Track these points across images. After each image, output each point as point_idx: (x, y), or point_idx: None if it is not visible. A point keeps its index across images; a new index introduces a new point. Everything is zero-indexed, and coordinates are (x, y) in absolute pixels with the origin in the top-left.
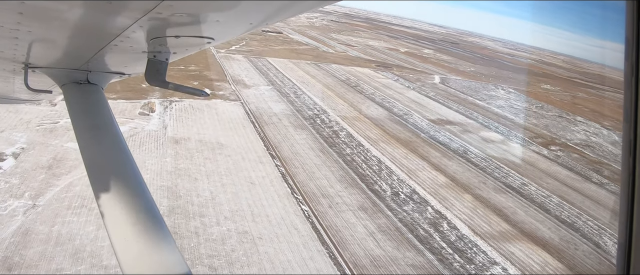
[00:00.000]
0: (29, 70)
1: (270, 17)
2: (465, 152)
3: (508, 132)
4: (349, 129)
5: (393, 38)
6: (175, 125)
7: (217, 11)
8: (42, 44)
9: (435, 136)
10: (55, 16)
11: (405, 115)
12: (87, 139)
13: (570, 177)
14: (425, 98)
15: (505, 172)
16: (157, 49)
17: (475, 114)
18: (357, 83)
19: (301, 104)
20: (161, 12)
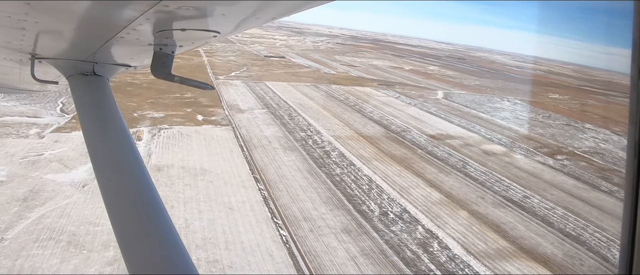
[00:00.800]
0: (35, 61)
1: (277, 12)
2: (465, 166)
3: (512, 143)
4: (342, 149)
5: (398, 57)
6: (161, 153)
7: (223, 5)
8: (49, 34)
9: (433, 151)
10: (63, 7)
11: (403, 132)
12: (92, 131)
13: (577, 186)
14: (426, 114)
15: (506, 185)
16: (163, 41)
17: (477, 127)
18: (356, 102)
19: (294, 125)
20: (168, 5)
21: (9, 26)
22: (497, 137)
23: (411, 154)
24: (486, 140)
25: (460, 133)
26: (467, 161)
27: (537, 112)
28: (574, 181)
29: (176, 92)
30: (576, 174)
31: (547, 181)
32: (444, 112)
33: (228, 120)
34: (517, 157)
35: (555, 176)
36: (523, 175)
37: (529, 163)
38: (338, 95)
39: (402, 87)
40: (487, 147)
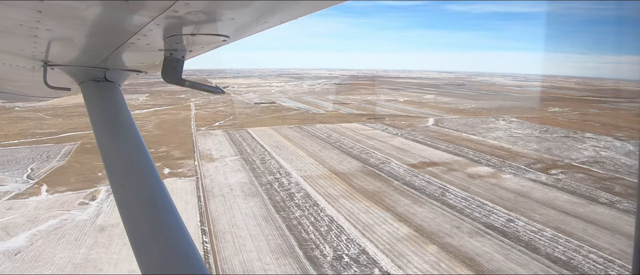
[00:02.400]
0: (48, 68)
1: (285, 15)
2: (444, 193)
3: (502, 163)
4: (309, 189)
5: (395, 90)
6: (111, 212)
7: (232, 9)
8: (61, 42)
9: (411, 181)
10: (74, 15)
11: (382, 164)
12: (105, 136)
13: (571, 201)
14: (412, 142)
15: (488, 210)
16: (174, 47)
17: (466, 150)
18: (338, 139)
19: (264, 169)
20: (177, 11)
21: (21, 34)
22: (486, 158)
23: (386, 187)
24: (473, 163)
25: (445, 159)
26: (448, 188)
27: (533, 127)
28: (568, 196)
29: (152, 147)
30: (571, 187)
31: (536, 200)
32: (431, 139)
33: (195, 171)
34: (505, 177)
35: (546, 193)
36: (509, 196)
37: (518, 182)
38: (320, 133)
39: (391, 119)
40: (473, 169)
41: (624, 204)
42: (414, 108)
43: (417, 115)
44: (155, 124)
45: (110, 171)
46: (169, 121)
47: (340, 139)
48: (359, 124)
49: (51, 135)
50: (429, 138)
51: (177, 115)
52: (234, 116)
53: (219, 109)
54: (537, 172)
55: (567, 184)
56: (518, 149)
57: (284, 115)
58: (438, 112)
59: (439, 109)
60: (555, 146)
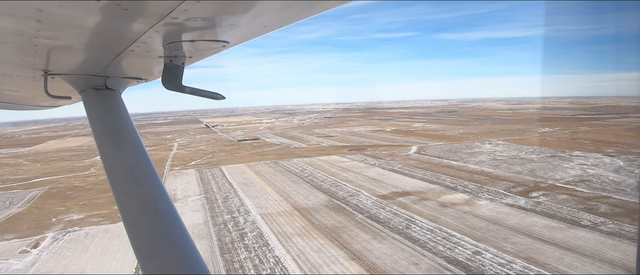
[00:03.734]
0: (48, 77)
1: (284, 20)
2: (409, 226)
3: (479, 189)
4: (264, 228)
5: (384, 120)
6: (49, 259)
7: (231, 15)
8: (61, 51)
9: (376, 214)
10: (73, 23)
11: (350, 197)
12: (106, 143)
13: (549, 227)
14: (388, 172)
15: (454, 242)
16: (173, 53)
17: (443, 177)
18: (312, 173)
19: (223, 209)
20: (177, 17)
21: (21, 43)
22: (464, 184)
23: (347, 221)
24: (449, 190)
25: (419, 187)
26: (415, 219)
27: (520, 149)
28: (546, 221)
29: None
30: (552, 211)
31: (511, 227)
32: (409, 167)
33: None
34: (480, 204)
35: (523, 219)
36: (481, 225)
37: (493, 208)
38: (295, 168)
39: (373, 149)
40: (447, 197)
41: (608, 225)
42: (399, 137)
43: (400, 144)
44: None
45: (112, 179)
46: None
47: (314, 172)
48: (338, 156)
49: (22, 181)
50: (407, 167)
51: (156, 155)
52: (213, 155)
53: (200, 148)
54: (516, 196)
55: (547, 207)
56: (499, 173)
57: (264, 151)
58: (423, 140)
59: (425, 137)
60: (539, 167)
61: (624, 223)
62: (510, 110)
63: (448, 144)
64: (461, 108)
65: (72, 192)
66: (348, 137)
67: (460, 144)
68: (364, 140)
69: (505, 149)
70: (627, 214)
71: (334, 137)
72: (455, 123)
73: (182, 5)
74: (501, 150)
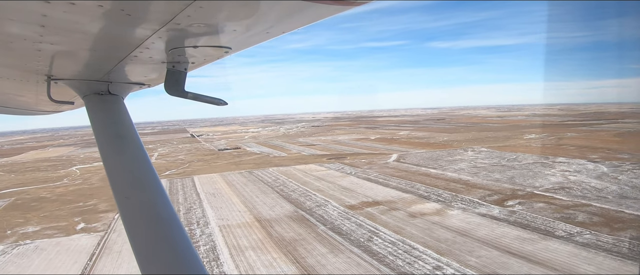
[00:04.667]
0: (51, 82)
1: (287, 25)
2: (371, 238)
3: (453, 197)
4: (218, 240)
5: (371, 129)
6: None
7: (235, 21)
8: (64, 56)
9: (340, 226)
10: (77, 28)
11: (317, 207)
12: (109, 149)
13: (521, 238)
14: (363, 181)
15: (415, 255)
16: (176, 59)
17: (418, 185)
18: (284, 182)
19: (183, 221)
20: (179, 23)
21: (25, 48)
22: (438, 193)
23: (308, 233)
24: (421, 199)
25: (391, 197)
26: (378, 231)
27: (502, 156)
28: (518, 231)
29: (81, 201)
30: (526, 220)
31: (479, 239)
32: (385, 176)
33: (109, 225)
34: (451, 214)
35: (494, 229)
36: (447, 236)
37: (464, 219)
38: (268, 177)
39: (353, 158)
40: (418, 207)
41: (584, 236)
42: (382, 145)
43: (381, 152)
44: (103, 175)
45: (114, 184)
46: None
47: (287, 182)
48: (316, 165)
49: None
50: (383, 175)
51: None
52: (190, 164)
53: (179, 158)
54: (491, 205)
55: (522, 217)
56: (477, 181)
57: (242, 160)
58: (406, 148)
59: (409, 145)
60: (519, 174)
61: (602, 233)
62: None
63: (430, 152)
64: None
65: (36, 203)
66: (331, 145)
67: (442, 151)
68: (346, 148)
69: (487, 156)
70: (606, 223)
71: (316, 146)
72: (442, 130)
73: (185, 11)
74: (483, 158)
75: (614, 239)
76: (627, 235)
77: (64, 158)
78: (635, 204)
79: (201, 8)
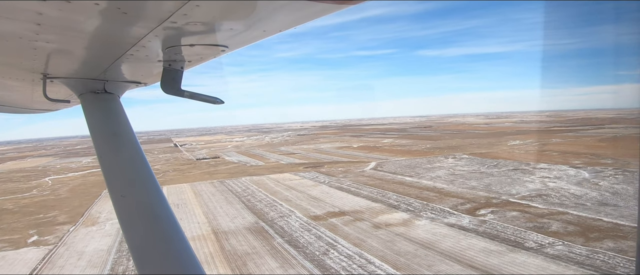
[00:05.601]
0: (47, 80)
1: (284, 24)
2: (327, 251)
3: (423, 207)
4: None
5: (356, 137)
6: None
7: (231, 19)
8: (60, 54)
9: (298, 238)
10: (73, 27)
11: (279, 218)
12: (105, 147)
13: (487, 250)
14: (334, 190)
15: (370, 270)
16: (172, 57)
17: (390, 194)
18: (253, 192)
19: None
20: (176, 21)
21: (20, 47)
22: (409, 202)
23: (262, 246)
24: (390, 209)
25: (359, 206)
26: (337, 243)
27: (483, 163)
28: (486, 243)
29: (43, 213)
30: (495, 231)
31: (442, 251)
32: (359, 184)
33: (61, 238)
34: (418, 224)
35: (459, 241)
36: (409, 249)
37: (430, 229)
38: (239, 187)
39: (330, 166)
40: (385, 217)
41: (556, 247)
42: (363, 153)
43: (360, 160)
44: (73, 186)
45: (110, 183)
46: (88, 183)
47: (256, 191)
48: (291, 174)
49: None
50: (356, 184)
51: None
52: (164, 174)
53: (155, 168)
54: (462, 215)
55: (492, 227)
56: (452, 189)
57: (218, 169)
58: (386, 155)
59: (390, 152)
60: (497, 181)
61: (576, 243)
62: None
63: (409, 159)
64: (438, 123)
65: None
66: (311, 154)
67: (422, 158)
68: (326, 157)
69: (467, 163)
70: (582, 233)
71: (296, 155)
72: (426, 138)
73: (181, 9)
74: (462, 165)
75: (588, 250)
76: (603, 246)
77: (40, 169)
78: (615, 211)
79: (197, 7)
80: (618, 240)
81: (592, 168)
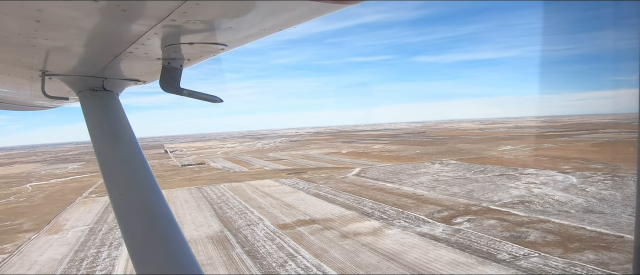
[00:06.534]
0: (46, 77)
1: (284, 23)
2: (285, 263)
3: (398, 214)
4: (119, 267)
5: (347, 143)
6: None
7: (231, 18)
8: (59, 51)
9: (258, 248)
10: (72, 24)
11: (246, 226)
12: (103, 145)
13: (455, 262)
14: (311, 197)
15: None
16: (172, 55)
17: (366, 201)
18: (228, 199)
19: (97, 242)
20: (175, 19)
21: (19, 43)
22: (384, 209)
23: (219, 257)
24: (363, 216)
25: (331, 214)
26: (298, 254)
27: (470, 169)
28: (455, 254)
29: (10, 220)
30: (468, 241)
31: (406, 264)
32: (337, 191)
33: (19, 247)
34: (388, 233)
35: (427, 252)
36: (371, 261)
37: (399, 239)
38: (214, 194)
39: (313, 172)
40: (355, 226)
41: (531, 259)
42: (350, 159)
43: (346, 166)
44: (50, 193)
45: (108, 181)
46: (66, 190)
47: (230, 198)
48: (271, 180)
49: None
50: (335, 191)
51: (85, 182)
52: None
53: None
54: (436, 223)
55: (465, 237)
56: (432, 195)
57: (200, 176)
58: (373, 161)
59: (377, 158)
60: (481, 188)
61: (553, 255)
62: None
63: (396, 165)
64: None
65: None
66: (298, 160)
67: (408, 164)
68: (311, 163)
69: (453, 169)
70: (561, 243)
71: (282, 161)
72: (417, 143)
73: (181, 7)
74: (448, 170)
75: (565, 263)
76: (582, 259)
77: (24, 175)
78: (600, 219)
79: (197, 5)
80: (599, 251)
81: (581, 173)
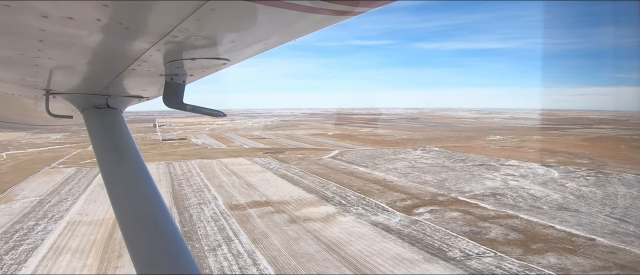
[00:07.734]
0: (49, 96)
1: (284, 37)
2: (217, 248)
3: (358, 201)
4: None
5: (337, 125)
6: None
7: (232, 33)
8: (62, 70)
9: (197, 230)
10: (75, 43)
11: (196, 205)
12: (108, 161)
13: (399, 258)
14: (275, 177)
15: (250, 272)
16: (174, 71)
17: (331, 185)
18: (192, 176)
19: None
20: (177, 36)
21: (23, 63)
22: (346, 195)
23: None
24: (321, 201)
25: (289, 197)
26: (236, 238)
27: (452, 157)
28: (403, 248)
29: None
30: (422, 234)
31: (345, 256)
32: (306, 173)
33: None
34: (340, 221)
35: (372, 245)
36: (309, 251)
37: (349, 228)
38: (182, 170)
39: (291, 152)
40: (309, 211)
41: (484, 259)
42: (333, 141)
43: (325, 148)
44: (21, 161)
45: (114, 198)
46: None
47: (195, 175)
48: (244, 159)
49: None
50: (304, 172)
51: (59, 152)
52: None
53: None
54: (395, 212)
55: (421, 229)
56: (401, 182)
57: (176, 151)
58: (356, 144)
59: (361, 141)
60: (455, 177)
61: (510, 256)
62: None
63: (376, 149)
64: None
65: None
66: (280, 140)
67: (389, 149)
68: (293, 143)
69: (433, 156)
70: (523, 243)
71: (264, 140)
72: (407, 129)
73: (183, 23)
74: (428, 157)
75: (521, 266)
76: (542, 262)
77: (4, 143)
78: (573, 217)
79: (199, 21)
80: (563, 254)
81: (564, 167)
